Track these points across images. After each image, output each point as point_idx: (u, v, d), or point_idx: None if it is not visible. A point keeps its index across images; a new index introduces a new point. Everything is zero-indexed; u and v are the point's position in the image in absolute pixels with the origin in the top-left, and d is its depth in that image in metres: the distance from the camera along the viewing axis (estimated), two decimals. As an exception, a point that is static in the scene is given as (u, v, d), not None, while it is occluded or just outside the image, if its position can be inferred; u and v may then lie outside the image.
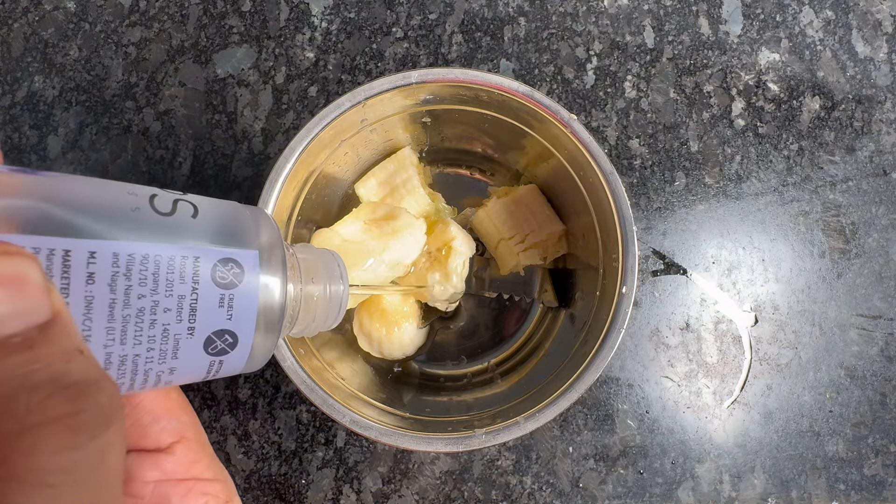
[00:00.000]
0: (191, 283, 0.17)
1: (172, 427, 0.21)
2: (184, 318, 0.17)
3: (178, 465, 0.20)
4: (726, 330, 0.38)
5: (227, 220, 0.19)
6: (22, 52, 0.39)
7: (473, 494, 0.36)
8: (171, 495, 0.20)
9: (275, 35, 0.40)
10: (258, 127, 0.39)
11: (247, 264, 0.18)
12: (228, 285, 0.17)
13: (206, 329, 0.17)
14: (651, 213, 0.39)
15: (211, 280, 0.17)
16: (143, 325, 0.16)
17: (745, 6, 0.41)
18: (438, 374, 0.36)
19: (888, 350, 0.38)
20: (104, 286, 0.15)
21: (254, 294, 0.18)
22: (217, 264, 0.17)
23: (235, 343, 0.18)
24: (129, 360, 0.16)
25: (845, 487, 0.37)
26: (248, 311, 0.18)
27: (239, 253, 0.18)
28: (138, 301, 0.16)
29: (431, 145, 0.35)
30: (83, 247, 0.15)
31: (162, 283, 0.16)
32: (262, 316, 0.18)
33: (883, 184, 0.40)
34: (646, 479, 0.36)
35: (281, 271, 0.19)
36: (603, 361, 0.28)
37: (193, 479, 0.21)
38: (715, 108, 0.40)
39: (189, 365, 0.18)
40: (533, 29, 0.40)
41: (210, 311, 0.17)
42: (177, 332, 0.17)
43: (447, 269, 0.32)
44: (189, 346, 0.17)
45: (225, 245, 0.18)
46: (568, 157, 0.30)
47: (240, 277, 0.18)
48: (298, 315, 0.21)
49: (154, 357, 0.17)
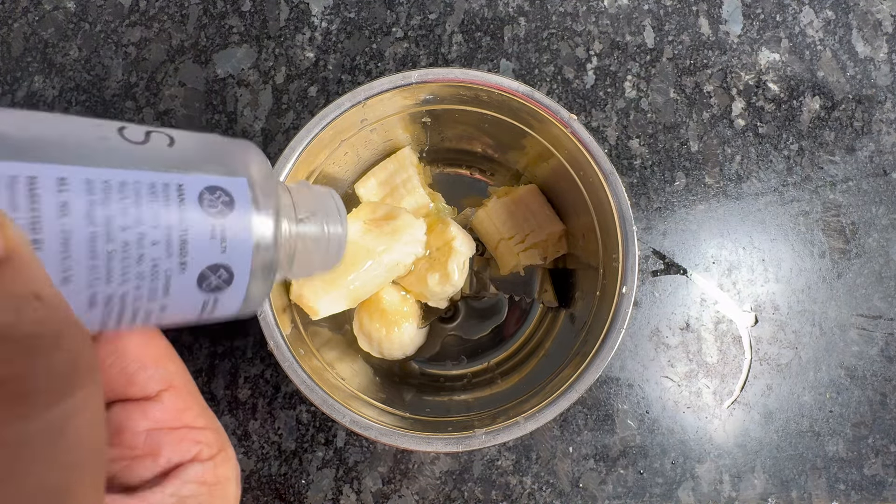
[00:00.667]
0: (177, 213, 0.15)
1: (160, 375, 0.20)
2: (174, 252, 0.15)
3: (167, 413, 0.20)
4: (726, 330, 0.38)
5: (209, 149, 0.17)
6: (22, 52, 0.39)
7: (473, 494, 0.36)
8: (162, 444, 0.19)
9: (275, 35, 0.40)
10: (258, 127, 0.39)
11: (236, 193, 0.16)
12: (219, 214, 0.16)
13: (200, 263, 0.16)
14: (651, 213, 0.39)
15: (199, 208, 0.16)
16: (129, 261, 0.14)
17: (745, 6, 0.41)
18: (438, 374, 0.36)
19: (888, 350, 0.38)
20: (81, 218, 0.14)
21: (247, 224, 0.16)
22: (204, 192, 0.16)
23: (231, 278, 0.17)
24: (115, 299, 0.15)
25: (845, 487, 0.37)
26: (243, 243, 0.16)
27: (227, 181, 0.16)
28: (122, 233, 0.14)
29: (431, 145, 0.35)
30: (50, 173, 0.13)
31: (146, 213, 0.15)
32: (258, 249, 0.17)
33: (883, 184, 0.40)
34: (646, 479, 0.36)
35: (274, 201, 0.17)
36: (603, 361, 0.28)
37: (185, 427, 0.20)
38: (715, 108, 0.40)
39: (181, 302, 0.16)
40: (533, 29, 0.40)
41: (201, 243, 0.16)
42: (167, 267, 0.15)
43: (447, 269, 0.32)
44: (181, 282, 0.16)
45: (210, 173, 0.16)
46: (568, 157, 0.30)
47: (231, 206, 0.16)
48: (296, 254, 0.20)
49: (143, 295, 0.15)
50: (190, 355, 0.36)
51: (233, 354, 0.36)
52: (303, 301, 0.29)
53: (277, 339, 0.27)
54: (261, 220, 0.17)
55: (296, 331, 0.29)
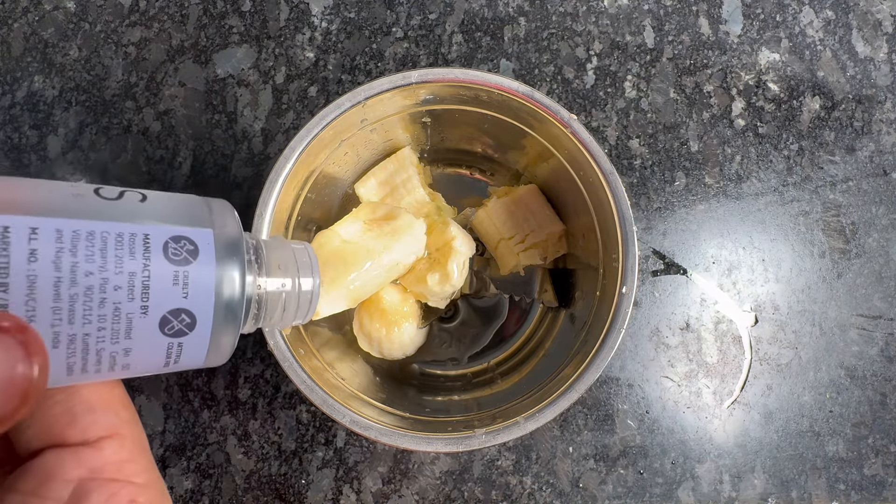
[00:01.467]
0: (141, 260, 0.16)
1: (107, 421, 0.18)
2: (136, 296, 0.16)
3: (105, 461, 0.18)
4: (726, 330, 0.38)
5: (178, 206, 0.18)
6: (22, 52, 0.39)
7: (473, 494, 0.36)
8: (90, 494, 0.17)
9: (275, 35, 0.40)
10: (258, 127, 0.39)
11: (201, 242, 0.17)
12: (182, 262, 0.17)
13: (161, 307, 0.16)
14: (651, 213, 0.39)
15: (163, 256, 0.17)
16: (92, 304, 0.15)
17: (745, 6, 0.41)
18: (438, 374, 0.36)
19: (888, 350, 0.38)
20: (48, 263, 0.15)
21: (210, 271, 0.17)
22: (169, 241, 0.17)
23: (193, 323, 0.17)
24: (78, 340, 0.16)
25: (845, 487, 0.37)
26: (204, 289, 0.17)
27: (192, 231, 0.17)
28: (86, 279, 0.15)
29: (431, 145, 0.35)
30: (23, 223, 0.15)
31: (110, 260, 0.16)
32: (220, 296, 0.18)
33: (883, 184, 0.40)
34: (646, 479, 0.36)
35: (239, 252, 0.18)
36: (603, 361, 0.28)
37: (122, 480, 0.18)
38: (715, 108, 0.40)
39: (145, 346, 0.17)
40: (533, 29, 0.40)
41: (163, 288, 0.16)
42: (129, 310, 0.16)
43: (447, 269, 0.32)
44: (143, 326, 0.16)
45: (178, 224, 0.17)
46: (568, 157, 0.30)
47: (194, 255, 0.17)
48: (266, 305, 0.20)
49: (106, 336, 0.16)
50: (190, 355, 0.36)
51: (233, 354, 0.36)
52: (303, 301, 0.29)
53: (277, 339, 0.27)
54: (223, 269, 0.18)
55: (296, 331, 0.29)
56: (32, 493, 0.17)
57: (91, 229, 0.16)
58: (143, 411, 0.36)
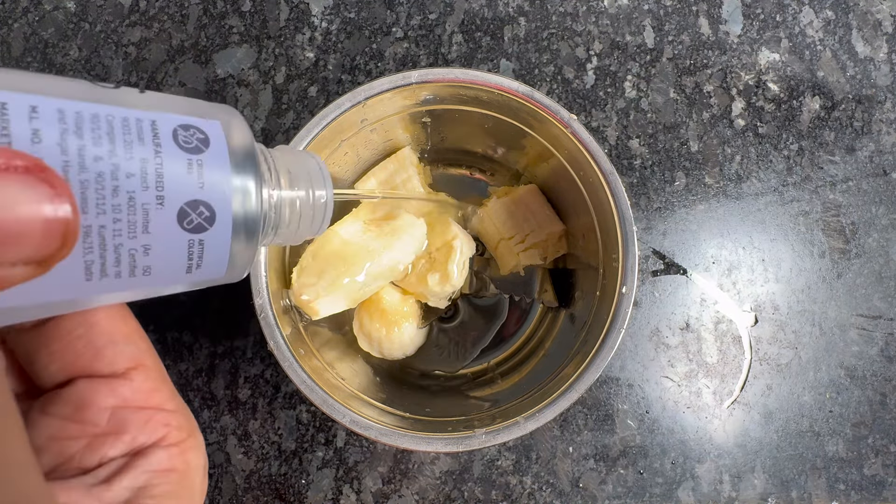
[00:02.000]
0: (152, 146, 0.15)
1: (130, 352, 0.19)
2: (150, 185, 0.15)
3: (136, 392, 0.19)
4: (726, 330, 0.38)
5: (180, 101, 0.17)
6: (22, 52, 0.39)
7: (473, 494, 0.36)
8: (129, 423, 0.18)
9: (275, 35, 0.40)
10: (258, 127, 0.39)
11: (211, 132, 0.16)
12: (194, 150, 0.16)
13: (178, 198, 0.15)
14: (651, 213, 0.39)
15: (174, 142, 0.15)
16: (104, 192, 0.14)
17: (745, 6, 0.41)
18: (438, 374, 0.36)
19: (888, 350, 0.38)
20: (53, 146, 0.13)
21: (224, 160, 0.16)
22: (178, 129, 0.16)
23: (213, 217, 0.16)
24: (94, 233, 0.14)
25: (845, 487, 0.37)
26: (221, 178, 0.16)
27: (200, 121, 0.16)
28: (95, 164, 0.14)
29: (431, 145, 0.35)
30: (22, 101, 0.13)
31: (119, 145, 0.14)
32: (238, 187, 0.16)
33: (883, 184, 0.40)
34: (646, 479, 0.36)
35: (251, 147, 0.17)
36: (603, 361, 0.28)
37: (154, 407, 0.19)
38: (715, 108, 0.40)
39: (165, 243, 0.16)
40: (533, 29, 0.40)
41: (178, 177, 0.15)
42: (144, 200, 0.15)
43: (447, 269, 0.32)
44: (161, 219, 0.15)
45: (183, 114, 0.16)
46: (568, 157, 0.30)
47: (205, 143, 0.16)
48: (282, 212, 0.19)
49: (122, 230, 0.15)
50: (190, 355, 0.36)
51: (233, 354, 0.36)
52: (303, 301, 0.29)
53: (277, 339, 0.27)
54: (237, 159, 0.17)
55: (296, 331, 0.29)
56: (69, 418, 0.18)
57: (95, 111, 0.14)
58: (143, 411, 0.36)
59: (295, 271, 0.30)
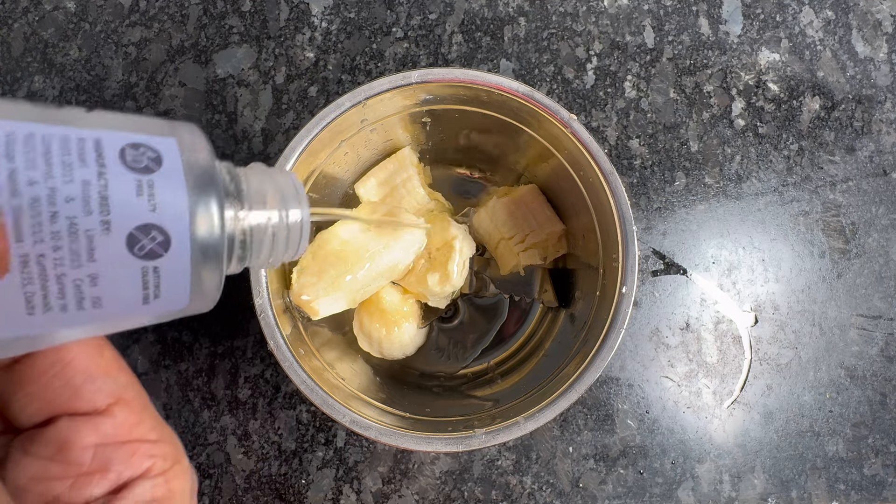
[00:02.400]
0: (95, 166, 0.14)
1: (109, 387, 0.19)
2: (93, 209, 0.14)
3: (119, 427, 0.18)
4: (726, 330, 0.38)
5: (133, 119, 0.16)
6: (22, 52, 0.39)
7: (473, 494, 0.36)
8: (113, 459, 0.18)
9: (275, 35, 0.40)
10: (258, 127, 0.39)
11: (164, 150, 0.15)
12: (145, 170, 0.14)
13: (126, 223, 0.14)
14: (651, 213, 0.39)
15: (120, 162, 0.14)
16: (41, 219, 0.13)
17: (745, 6, 0.41)
18: (439, 374, 0.36)
19: (888, 350, 0.38)
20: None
21: (178, 178, 0.15)
22: (126, 147, 0.14)
23: (168, 241, 0.15)
24: (32, 261, 0.13)
25: (845, 487, 0.37)
26: (176, 200, 0.15)
27: (152, 139, 0.15)
28: (29, 188, 0.13)
29: (431, 145, 0.35)
30: None
31: (57, 168, 0.13)
32: (196, 209, 0.15)
33: (883, 184, 0.40)
34: (646, 479, 0.36)
35: (211, 167, 0.16)
36: (603, 361, 0.28)
37: (137, 440, 0.19)
38: (715, 108, 0.40)
39: (114, 271, 0.14)
40: (533, 29, 0.40)
41: (125, 199, 0.14)
42: (88, 226, 0.14)
43: (447, 270, 0.32)
44: (107, 245, 0.14)
45: (133, 132, 0.15)
46: (568, 157, 0.30)
47: (157, 162, 0.15)
48: (251, 238, 0.18)
49: (65, 259, 0.13)
50: (190, 355, 0.36)
51: (233, 354, 0.36)
52: (303, 301, 0.29)
53: (277, 339, 0.27)
54: (196, 178, 0.15)
55: (296, 331, 0.29)
56: (52, 458, 0.18)
57: (29, 131, 0.13)
58: (143, 411, 0.36)
59: (295, 271, 0.30)
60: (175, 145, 0.15)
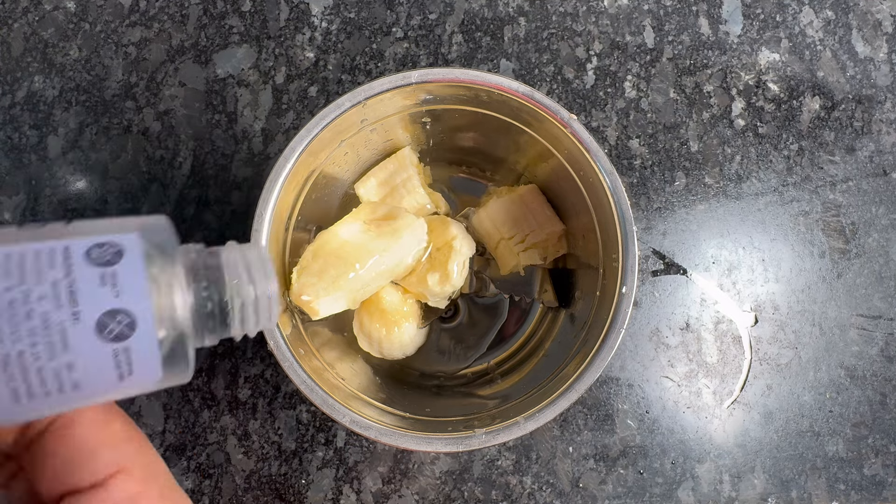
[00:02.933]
0: (63, 268, 0.16)
1: (111, 458, 0.19)
2: (64, 303, 0.15)
3: (117, 499, 0.18)
4: (726, 330, 0.38)
5: (105, 222, 0.18)
6: (22, 52, 0.39)
7: (473, 494, 0.36)
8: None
9: (275, 35, 0.40)
10: (258, 127, 0.39)
11: (126, 244, 0.17)
12: (107, 263, 0.16)
13: (93, 310, 0.16)
14: (651, 213, 0.39)
15: (85, 261, 0.16)
16: (17, 319, 0.15)
17: (745, 6, 0.41)
18: (439, 374, 0.36)
19: (888, 350, 0.38)
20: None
21: (138, 265, 0.17)
22: (92, 247, 0.16)
23: (134, 322, 0.16)
24: (13, 360, 0.15)
25: (845, 487, 0.37)
26: (137, 284, 0.16)
27: (116, 236, 0.17)
28: (6, 294, 0.15)
29: (431, 145, 0.35)
30: None
31: (29, 274, 0.15)
32: (158, 288, 0.17)
33: (883, 184, 0.40)
34: (646, 479, 0.36)
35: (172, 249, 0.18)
36: (603, 361, 0.28)
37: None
38: (715, 108, 0.40)
39: (88, 357, 0.16)
40: (533, 29, 0.40)
41: (91, 290, 0.16)
42: (60, 318, 0.15)
43: (447, 269, 0.32)
44: (79, 333, 0.16)
45: (100, 234, 0.17)
46: (568, 157, 0.30)
47: (119, 255, 0.17)
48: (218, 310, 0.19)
49: (42, 352, 0.15)
50: (190, 355, 0.36)
51: (233, 354, 0.36)
52: (303, 301, 0.29)
53: (277, 339, 0.27)
54: (155, 264, 0.17)
55: (296, 331, 0.29)
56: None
57: (7, 252, 0.15)
58: (142, 411, 0.36)
59: (295, 271, 0.30)
60: (136, 238, 0.17)
